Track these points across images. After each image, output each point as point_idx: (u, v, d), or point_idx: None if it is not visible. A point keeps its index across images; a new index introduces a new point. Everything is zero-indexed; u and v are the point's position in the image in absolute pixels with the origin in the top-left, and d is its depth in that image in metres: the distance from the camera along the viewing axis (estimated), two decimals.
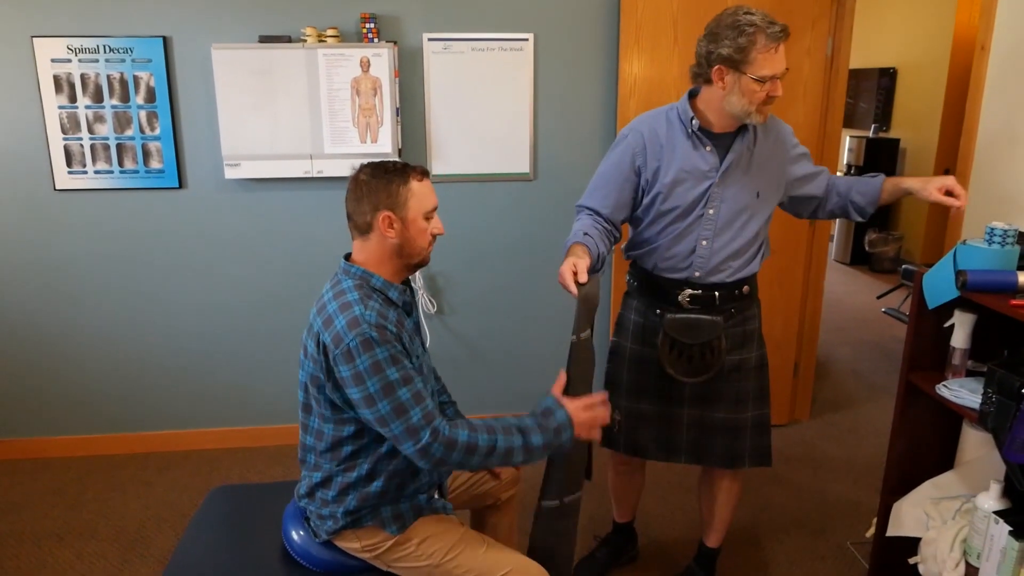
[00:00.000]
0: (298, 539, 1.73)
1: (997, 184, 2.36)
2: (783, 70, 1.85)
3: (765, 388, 2.19)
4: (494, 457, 1.56)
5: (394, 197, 1.60)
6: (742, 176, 1.98)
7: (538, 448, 1.60)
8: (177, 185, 3.07)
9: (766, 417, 2.19)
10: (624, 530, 2.56)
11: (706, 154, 1.97)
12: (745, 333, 2.13)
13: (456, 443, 1.52)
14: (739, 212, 1.99)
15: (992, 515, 1.80)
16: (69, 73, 2.91)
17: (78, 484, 3.07)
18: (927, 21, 6.27)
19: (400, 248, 1.64)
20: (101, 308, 3.18)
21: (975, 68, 2.43)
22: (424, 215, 1.64)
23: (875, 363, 4.48)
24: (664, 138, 1.99)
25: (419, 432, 1.51)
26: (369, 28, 2.94)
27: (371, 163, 1.65)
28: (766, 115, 1.91)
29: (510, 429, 1.58)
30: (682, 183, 1.98)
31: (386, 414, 1.51)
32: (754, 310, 2.15)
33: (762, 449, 2.18)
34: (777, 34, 1.81)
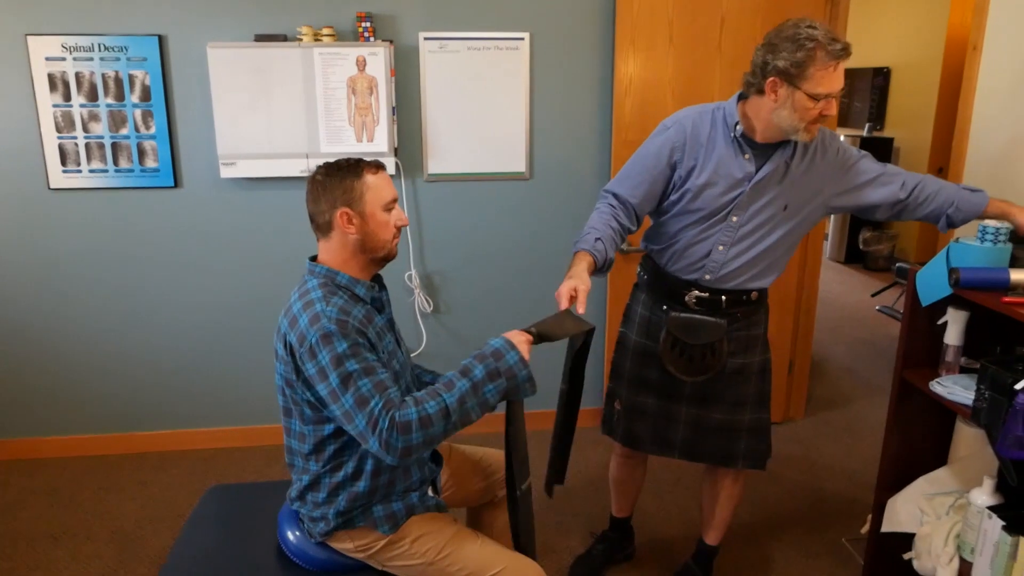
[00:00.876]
0: (293, 539, 1.73)
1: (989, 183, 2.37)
2: (839, 89, 1.79)
3: (766, 393, 2.18)
4: (453, 416, 1.50)
5: (349, 192, 1.60)
6: (774, 189, 1.94)
7: (483, 379, 1.53)
8: (172, 184, 3.07)
9: (764, 421, 2.18)
10: (621, 526, 2.56)
11: (744, 162, 1.93)
12: (750, 338, 2.12)
13: (410, 424, 1.46)
14: (762, 224, 1.97)
15: (985, 510, 1.81)
16: (64, 71, 2.91)
17: (73, 484, 3.07)
18: (920, 21, 6.30)
19: (362, 243, 1.63)
20: (96, 308, 3.17)
21: (967, 68, 2.44)
22: (383, 207, 1.64)
23: (870, 361, 4.49)
24: (705, 137, 1.96)
25: (379, 422, 1.45)
26: (365, 27, 2.94)
27: (326, 163, 1.65)
28: (814, 133, 1.86)
29: (450, 382, 1.53)
30: (713, 186, 1.95)
31: (349, 408, 1.49)
32: (760, 315, 2.14)
33: (758, 452, 2.18)
34: (838, 52, 1.75)
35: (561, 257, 3.34)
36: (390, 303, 1.78)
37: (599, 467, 3.18)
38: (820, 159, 1.96)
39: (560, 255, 3.34)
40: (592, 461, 3.23)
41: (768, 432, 2.20)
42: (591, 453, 3.30)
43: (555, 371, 3.31)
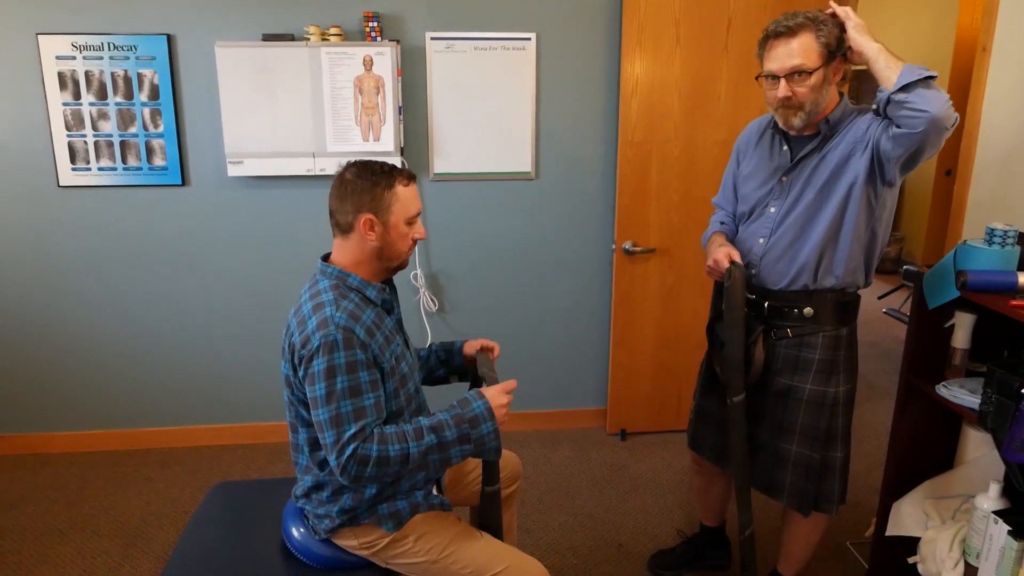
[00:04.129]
0: (298, 536, 1.74)
1: (997, 185, 2.36)
2: (782, 68, 1.77)
3: (822, 430, 1.97)
4: (410, 464, 1.51)
5: (378, 200, 1.59)
6: (808, 178, 1.90)
7: (452, 442, 1.54)
8: (180, 182, 3.08)
9: (814, 461, 1.98)
10: (710, 533, 2.49)
11: (780, 153, 1.97)
12: (800, 359, 1.97)
13: (368, 459, 1.47)
14: (799, 215, 1.90)
15: (991, 515, 1.80)
16: (73, 70, 2.92)
17: (79, 480, 3.08)
18: (929, 22, 6.26)
19: (380, 251, 1.63)
20: (104, 305, 3.19)
21: (976, 69, 2.43)
22: (406, 220, 1.63)
23: (876, 364, 4.48)
24: (756, 136, 2.06)
25: (345, 448, 1.47)
26: (372, 27, 2.94)
27: (358, 162, 1.64)
28: (787, 120, 1.84)
29: (421, 432, 1.53)
30: (753, 178, 2.02)
31: (324, 421, 1.50)
32: (817, 339, 1.95)
33: (804, 493, 2.00)
34: (777, 30, 1.78)
35: (566, 256, 3.35)
36: (399, 304, 1.78)
37: (603, 467, 3.18)
38: (852, 138, 1.84)
39: (565, 254, 3.34)
40: (596, 461, 3.23)
41: (821, 476, 2.00)
42: (594, 453, 3.30)
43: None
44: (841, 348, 1.97)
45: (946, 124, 1.70)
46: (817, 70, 1.77)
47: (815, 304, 1.93)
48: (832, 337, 1.96)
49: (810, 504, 2.02)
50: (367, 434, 1.49)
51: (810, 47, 1.76)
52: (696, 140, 3.12)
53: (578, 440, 3.42)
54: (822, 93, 1.81)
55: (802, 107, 1.81)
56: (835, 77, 1.84)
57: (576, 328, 3.45)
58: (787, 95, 1.80)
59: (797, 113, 1.82)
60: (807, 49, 1.76)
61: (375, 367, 1.56)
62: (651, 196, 3.17)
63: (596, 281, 3.39)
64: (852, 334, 2.02)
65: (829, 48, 1.78)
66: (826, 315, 1.94)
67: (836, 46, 1.79)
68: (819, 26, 1.77)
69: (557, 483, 3.05)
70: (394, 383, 1.62)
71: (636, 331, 3.33)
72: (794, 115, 1.83)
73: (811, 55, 1.76)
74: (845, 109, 1.88)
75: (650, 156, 3.13)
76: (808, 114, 1.82)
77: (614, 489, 3.01)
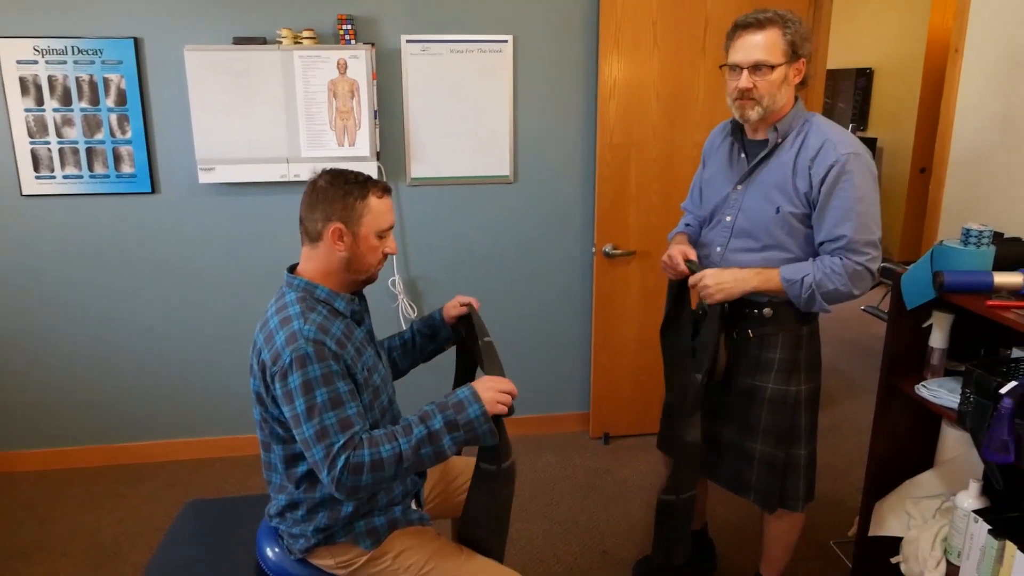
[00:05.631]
0: (272, 556, 1.69)
1: (972, 185, 2.38)
2: (746, 60, 1.80)
3: (784, 428, 1.99)
4: (405, 462, 1.45)
5: (349, 210, 1.55)
6: (757, 188, 1.90)
7: (441, 431, 1.48)
8: (150, 190, 3.01)
9: (778, 459, 1.99)
10: (692, 536, 2.44)
11: (737, 159, 1.97)
12: (762, 359, 1.98)
13: (362, 466, 1.42)
14: (754, 225, 1.90)
15: (971, 514, 1.81)
16: (36, 75, 2.85)
17: (49, 498, 3.00)
18: (902, 22, 6.33)
19: (348, 263, 1.59)
20: (71, 317, 3.11)
21: (949, 70, 2.44)
22: (377, 233, 1.59)
23: (855, 361, 4.51)
24: (719, 141, 2.06)
25: (336, 460, 1.42)
26: (346, 30, 2.90)
27: (333, 170, 1.60)
28: (743, 112, 1.86)
29: (409, 427, 1.49)
30: (712, 184, 2.03)
31: (309, 437, 1.45)
32: (778, 339, 1.96)
33: (768, 491, 2.01)
34: (745, 20, 1.81)
35: (546, 260, 3.32)
36: (369, 314, 1.74)
37: (586, 472, 3.16)
38: (795, 157, 1.85)
39: (545, 258, 3.32)
40: (579, 466, 3.21)
41: (785, 474, 2.01)
42: (577, 458, 3.28)
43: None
44: (802, 347, 1.99)
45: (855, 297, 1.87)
46: (779, 66, 1.80)
47: (774, 305, 1.94)
48: (793, 336, 1.97)
49: (775, 502, 2.03)
50: (356, 442, 1.44)
51: (775, 43, 1.79)
52: (675, 142, 3.12)
53: (561, 445, 3.40)
54: (780, 91, 1.83)
55: (760, 101, 1.83)
56: (795, 78, 1.86)
57: (557, 332, 3.43)
58: (748, 86, 1.82)
59: (755, 107, 1.84)
60: (772, 44, 1.79)
61: (349, 377, 1.52)
62: (630, 198, 3.15)
63: (577, 284, 3.38)
64: (813, 333, 2.03)
65: (794, 47, 1.81)
66: (786, 315, 1.95)
67: (801, 47, 1.82)
68: (787, 24, 1.80)
69: (540, 490, 3.03)
70: (368, 396, 1.58)
71: (618, 334, 3.32)
72: (751, 108, 1.84)
73: (775, 51, 1.80)
74: (795, 116, 1.88)
75: (629, 158, 3.11)
76: (765, 109, 1.84)
77: (598, 494, 2.99)
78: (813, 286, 1.80)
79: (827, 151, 1.79)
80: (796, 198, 1.84)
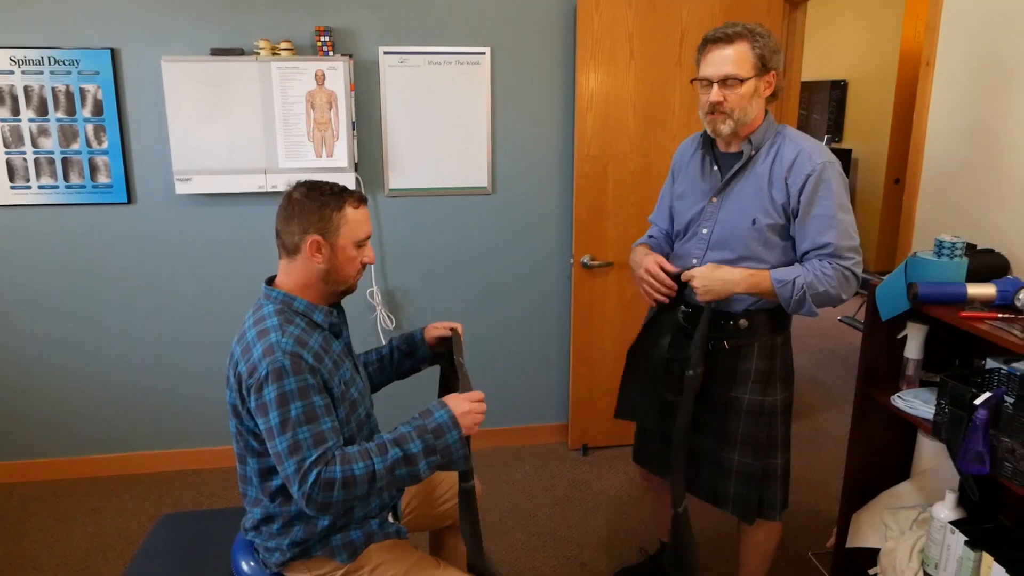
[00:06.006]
0: (248, 569, 1.67)
1: (945, 196, 2.41)
2: (716, 74, 1.82)
3: (762, 438, 1.98)
4: (378, 481, 1.44)
5: (325, 222, 1.55)
6: (734, 200, 1.91)
7: (417, 454, 1.47)
8: (126, 200, 2.98)
9: (756, 470, 1.98)
10: (665, 548, 2.45)
11: (710, 173, 1.98)
12: (738, 371, 1.98)
13: (333, 482, 1.41)
14: (731, 236, 1.91)
15: (948, 525, 1.82)
16: (12, 85, 2.81)
17: (19, 512, 2.94)
18: (875, 35, 6.43)
19: (326, 274, 1.59)
20: (45, 327, 3.06)
21: (921, 83, 2.48)
22: (355, 243, 1.59)
23: (832, 371, 4.54)
24: (689, 154, 2.06)
25: (307, 475, 1.40)
26: (324, 41, 2.89)
27: (307, 181, 1.59)
28: (715, 126, 1.87)
29: (385, 446, 1.46)
30: (686, 197, 2.03)
31: (282, 451, 1.43)
32: (754, 350, 1.96)
33: (747, 502, 2.00)
34: (714, 35, 1.84)
35: (525, 272, 3.33)
36: (347, 327, 1.73)
37: (565, 484, 3.15)
38: (771, 170, 1.87)
39: (524, 270, 3.32)
40: (558, 478, 3.20)
41: (763, 484, 2.00)
42: (555, 470, 3.27)
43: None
44: (776, 357, 1.99)
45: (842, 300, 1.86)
46: (748, 79, 1.82)
47: (749, 315, 1.95)
48: (767, 347, 1.98)
49: (754, 512, 2.03)
50: (329, 458, 1.43)
51: (745, 56, 1.81)
52: (652, 153, 3.14)
53: (540, 456, 3.39)
54: (751, 104, 1.84)
55: (731, 114, 1.84)
56: (766, 91, 1.87)
57: (536, 343, 3.43)
58: (719, 100, 1.83)
59: (726, 120, 1.85)
60: (742, 58, 1.81)
61: (326, 391, 1.51)
62: (608, 210, 3.17)
63: (555, 295, 3.38)
64: (787, 342, 2.05)
65: (763, 60, 1.82)
66: (760, 325, 1.96)
67: (770, 60, 1.83)
68: (756, 38, 1.82)
69: (518, 502, 3.02)
70: (344, 409, 1.57)
71: (596, 345, 3.32)
72: (722, 122, 1.86)
73: (745, 64, 1.82)
74: (768, 129, 1.90)
75: (606, 170, 3.13)
76: (736, 122, 1.85)
77: (576, 506, 2.98)
78: (804, 287, 1.80)
79: (802, 161, 1.81)
80: (772, 209, 1.86)
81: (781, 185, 1.84)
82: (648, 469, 2.26)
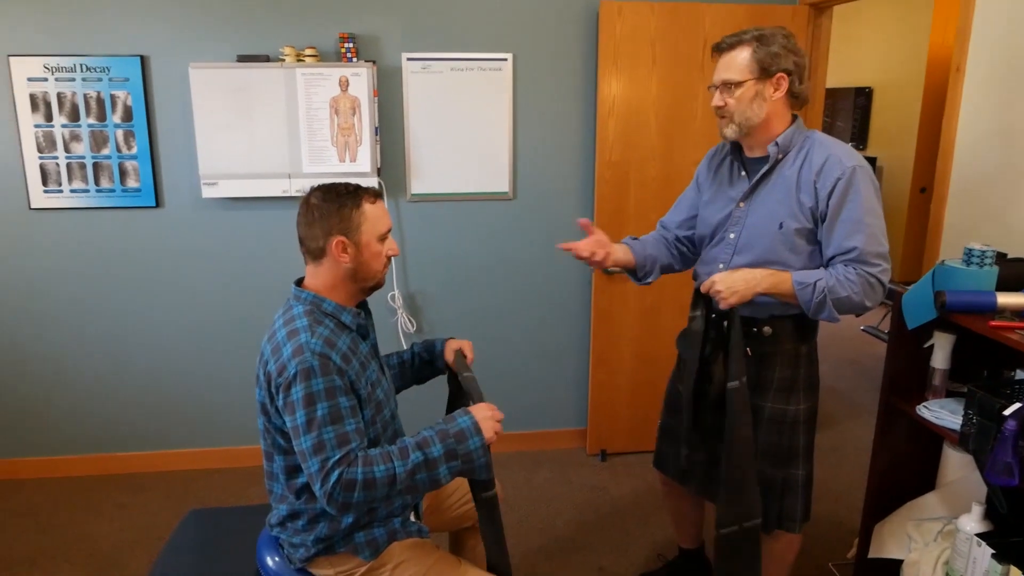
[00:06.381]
0: (273, 565, 1.69)
1: (974, 204, 2.38)
2: (716, 79, 1.87)
3: (783, 448, 1.96)
4: (399, 484, 1.47)
5: (347, 221, 1.57)
6: (761, 205, 1.90)
7: (439, 459, 1.49)
8: (154, 204, 3.03)
9: (776, 479, 1.97)
10: (690, 556, 2.45)
11: (738, 178, 1.98)
12: (760, 378, 1.96)
13: (354, 483, 1.43)
14: (758, 240, 1.90)
15: (974, 537, 1.79)
16: (45, 92, 2.88)
17: (51, 506, 3.00)
18: (902, 41, 6.36)
19: (354, 272, 1.61)
20: (76, 328, 3.12)
21: (951, 89, 2.45)
22: (378, 238, 1.62)
23: (854, 381, 4.49)
24: (715, 162, 2.07)
25: (330, 475, 1.43)
26: (348, 48, 2.93)
27: (321, 186, 1.61)
28: (721, 130, 1.90)
29: (407, 450, 1.49)
30: (713, 204, 2.02)
31: (306, 449, 1.46)
32: (777, 359, 1.95)
33: (766, 511, 1.97)
34: (719, 44, 1.87)
35: (545, 277, 3.33)
36: (374, 329, 1.75)
37: (583, 489, 3.14)
38: (798, 174, 1.85)
39: (544, 275, 3.33)
40: (576, 483, 3.20)
41: (782, 494, 1.98)
42: (574, 475, 3.27)
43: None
44: (801, 366, 1.97)
45: (866, 308, 1.82)
46: (744, 83, 1.83)
47: (774, 323, 1.93)
48: (791, 356, 1.96)
49: (773, 522, 2.01)
50: (351, 459, 1.45)
51: (742, 62, 1.83)
52: (673, 160, 3.13)
53: (558, 461, 3.39)
54: (752, 106, 1.84)
55: (732, 118, 1.86)
56: (775, 94, 1.84)
57: (555, 348, 3.43)
58: (719, 104, 1.87)
59: (728, 124, 1.88)
60: (739, 63, 1.84)
61: (352, 393, 1.53)
62: (629, 216, 3.16)
63: (575, 301, 3.38)
64: (812, 351, 2.02)
65: (762, 65, 1.82)
66: (785, 334, 1.94)
67: (775, 63, 1.82)
68: (759, 43, 1.82)
69: (537, 506, 3.02)
70: (370, 411, 1.59)
71: (616, 351, 3.31)
72: (726, 126, 1.89)
73: (742, 69, 1.83)
74: (796, 133, 1.88)
75: (627, 176, 3.13)
76: (739, 126, 1.86)
77: (595, 511, 2.98)
78: (825, 291, 1.78)
79: (832, 165, 1.79)
80: (800, 213, 1.84)
81: (810, 189, 1.82)
82: (668, 475, 2.26)
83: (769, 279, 1.83)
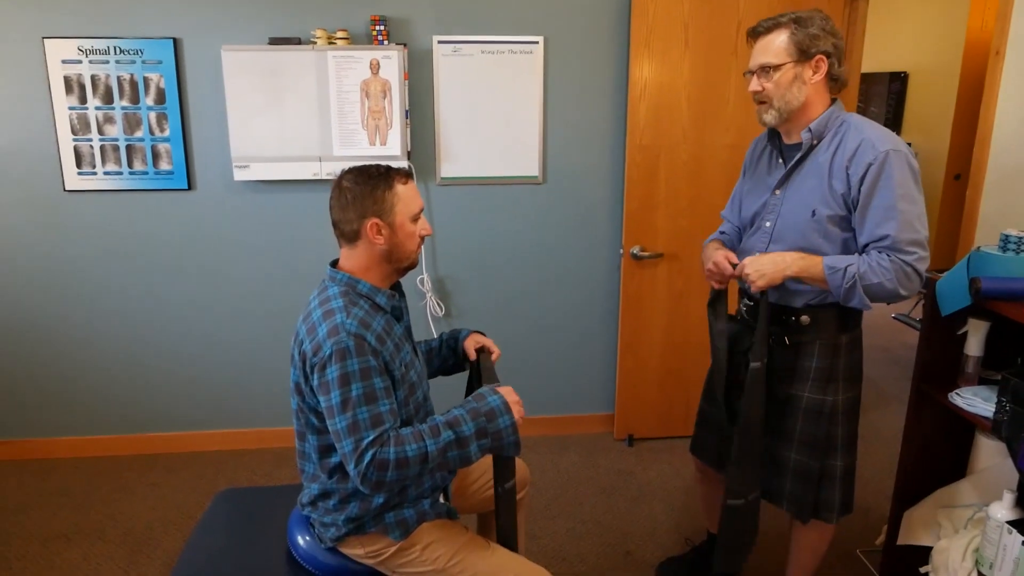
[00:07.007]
0: (303, 544, 1.72)
1: (1011, 190, 2.34)
2: (754, 64, 1.85)
3: (820, 438, 1.94)
4: (431, 462, 1.49)
5: (380, 203, 1.58)
6: (796, 192, 1.88)
7: (470, 436, 1.52)
8: (186, 186, 3.07)
9: (813, 469, 1.96)
10: (715, 541, 2.46)
11: (776, 165, 1.97)
12: (798, 368, 1.94)
13: (387, 463, 1.45)
14: (792, 229, 1.88)
15: (1005, 525, 1.78)
16: (80, 74, 2.92)
17: (86, 485, 3.08)
18: (938, 26, 6.23)
19: (389, 253, 1.63)
20: (109, 309, 3.18)
21: (989, 74, 2.41)
22: (411, 218, 1.63)
23: (885, 369, 4.45)
24: (759, 149, 2.06)
25: (364, 455, 1.45)
26: (379, 30, 2.93)
27: (353, 168, 1.62)
28: (760, 116, 1.87)
29: (438, 428, 1.51)
30: (752, 192, 2.02)
31: (341, 430, 1.48)
32: (815, 348, 1.92)
33: (802, 501, 1.98)
34: (755, 28, 1.85)
35: (574, 261, 3.33)
36: (408, 311, 1.77)
37: (610, 473, 3.16)
38: (831, 159, 1.82)
39: (573, 259, 3.33)
40: (603, 467, 3.21)
41: (820, 484, 1.97)
42: (601, 459, 3.28)
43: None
44: (840, 356, 1.93)
45: (901, 297, 1.78)
46: (783, 66, 1.80)
47: (812, 311, 1.91)
48: (830, 346, 1.92)
49: (809, 512, 1.99)
50: (385, 439, 1.47)
51: (780, 45, 1.80)
52: (705, 144, 3.11)
53: (585, 446, 3.41)
54: (791, 90, 1.81)
55: (771, 103, 1.84)
56: (814, 77, 1.81)
57: (584, 333, 3.43)
58: (757, 89, 1.85)
59: (768, 110, 1.85)
60: (777, 46, 1.81)
61: (386, 374, 1.55)
62: (659, 200, 3.15)
63: (604, 286, 3.38)
64: (853, 341, 1.98)
65: (801, 47, 1.79)
66: (824, 323, 1.91)
67: (814, 45, 1.79)
68: (796, 25, 1.79)
69: (564, 489, 3.04)
70: (403, 392, 1.61)
71: (644, 336, 3.31)
72: (766, 112, 1.86)
73: (779, 52, 1.80)
74: (831, 117, 1.85)
75: (658, 160, 3.11)
76: (778, 111, 1.84)
77: (621, 496, 2.99)
78: (856, 276, 1.74)
79: (864, 150, 1.76)
80: (833, 200, 1.81)
81: (842, 175, 1.79)
82: (704, 461, 2.26)
83: (799, 263, 1.81)
